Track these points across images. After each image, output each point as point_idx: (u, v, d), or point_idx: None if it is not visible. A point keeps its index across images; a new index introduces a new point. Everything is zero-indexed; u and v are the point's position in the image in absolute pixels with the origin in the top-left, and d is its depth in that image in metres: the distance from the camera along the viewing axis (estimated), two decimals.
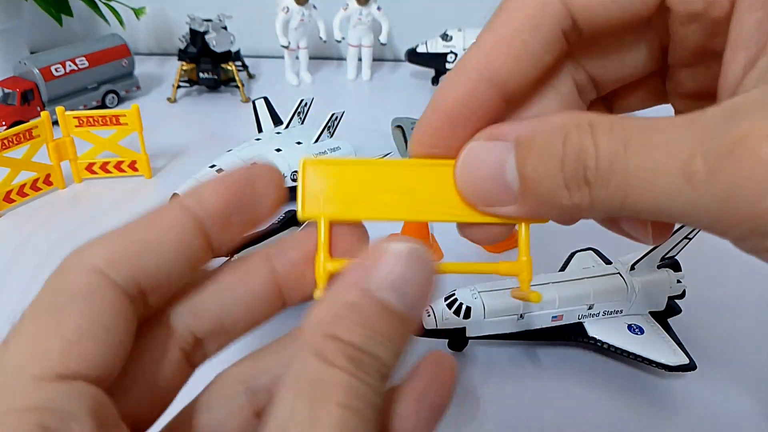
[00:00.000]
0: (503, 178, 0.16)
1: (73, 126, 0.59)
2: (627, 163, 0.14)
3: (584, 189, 0.14)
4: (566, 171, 0.14)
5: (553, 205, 0.15)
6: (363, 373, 0.13)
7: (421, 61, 0.86)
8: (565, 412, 0.37)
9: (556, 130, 0.15)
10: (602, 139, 0.14)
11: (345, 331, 0.14)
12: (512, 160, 0.15)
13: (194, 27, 0.78)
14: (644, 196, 0.13)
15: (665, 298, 0.41)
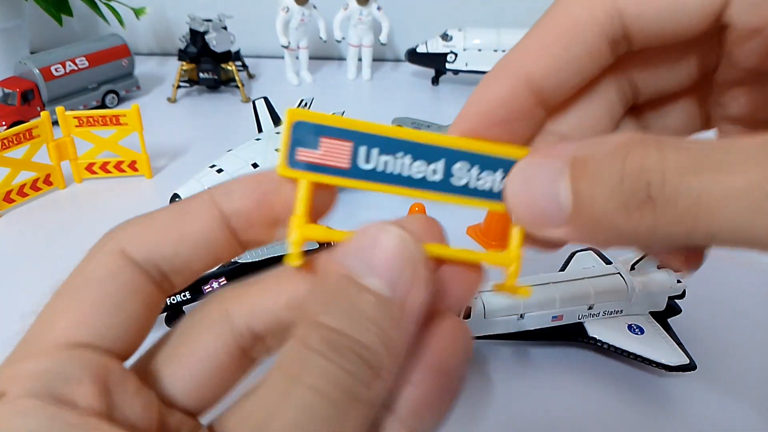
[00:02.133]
0: (556, 199, 0.15)
1: (73, 126, 0.59)
2: (699, 183, 0.12)
3: (646, 209, 0.13)
4: (626, 191, 0.13)
5: (610, 230, 0.14)
6: (338, 357, 0.13)
7: (421, 61, 0.86)
8: (565, 412, 0.37)
9: (616, 146, 0.14)
10: (669, 158, 0.13)
11: (326, 316, 0.14)
12: (566, 179, 0.14)
13: (194, 27, 0.78)
14: (720, 218, 0.12)
15: (665, 298, 0.41)
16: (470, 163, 0.16)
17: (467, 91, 0.87)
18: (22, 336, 0.15)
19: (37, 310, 0.15)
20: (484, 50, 0.83)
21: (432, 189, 0.16)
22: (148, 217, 0.16)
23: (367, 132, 0.15)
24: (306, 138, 0.15)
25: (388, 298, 0.14)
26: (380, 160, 0.15)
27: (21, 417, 0.12)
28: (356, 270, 0.14)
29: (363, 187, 0.16)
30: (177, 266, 0.16)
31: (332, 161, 0.15)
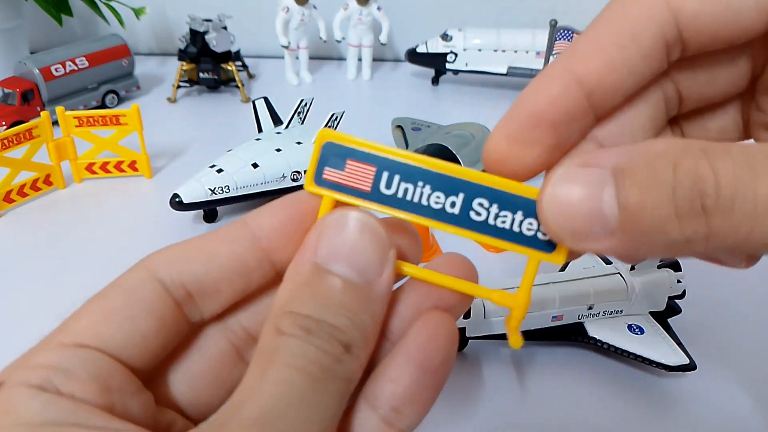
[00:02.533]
0: (600, 211, 0.14)
1: (73, 126, 0.59)
2: (756, 187, 0.12)
3: (700, 220, 0.13)
4: (678, 200, 0.13)
5: (660, 240, 0.13)
6: (313, 338, 0.14)
7: (421, 61, 0.86)
8: (565, 412, 0.37)
9: (662, 156, 0.13)
10: (721, 164, 0.13)
11: (299, 305, 0.14)
12: (611, 189, 0.14)
13: (194, 27, 0.78)
14: None
15: (665, 298, 0.41)
16: (490, 200, 0.16)
17: (467, 91, 0.87)
18: (19, 334, 0.15)
19: (37, 310, 0.16)
20: (484, 50, 0.83)
21: (449, 222, 0.16)
22: (184, 241, 0.16)
23: (390, 158, 0.16)
24: (334, 158, 0.16)
25: (356, 282, 0.15)
26: (401, 187, 0.16)
27: (14, 402, 0.13)
28: (323, 258, 0.15)
29: (381, 211, 0.16)
30: (205, 288, 0.16)
31: (355, 183, 0.16)
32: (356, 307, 0.14)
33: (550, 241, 0.16)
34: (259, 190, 0.54)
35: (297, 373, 0.13)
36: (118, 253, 0.50)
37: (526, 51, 0.82)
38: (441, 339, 0.15)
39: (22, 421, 0.12)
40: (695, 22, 0.15)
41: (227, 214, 0.56)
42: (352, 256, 0.15)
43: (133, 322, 0.15)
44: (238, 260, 0.16)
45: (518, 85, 0.87)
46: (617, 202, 0.14)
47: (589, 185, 0.14)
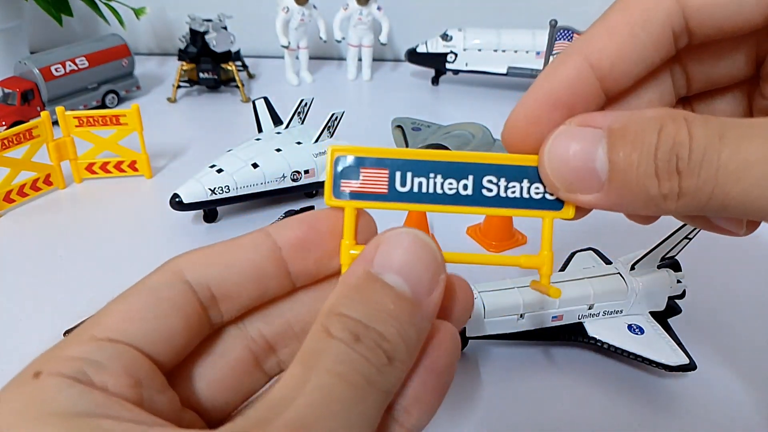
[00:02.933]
0: (592, 165, 0.16)
1: (73, 126, 0.59)
2: (720, 153, 0.14)
3: (674, 179, 0.14)
4: (659, 160, 0.14)
5: (640, 195, 0.15)
6: (359, 345, 0.14)
7: (421, 61, 0.86)
8: (565, 412, 0.37)
9: (650, 120, 0.15)
10: (697, 131, 0.14)
11: (348, 308, 0.14)
12: (603, 147, 0.15)
13: (194, 27, 0.78)
14: (734, 187, 0.14)
15: (665, 298, 0.41)
16: (497, 175, 0.17)
17: (467, 91, 0.87)
18: (19, 333, 0.16)
19: (37, 309, 0.16)
20: (484, 50, 0.83)
21: (466, 203, 0.17)
22: (208, 246, 0.17)
23: (400, 158, 0.17)
24: (347, 170, 0.17)
25: (408, 296, 0.15)
26: (415, 182, 0.17)
27: (50, 392, 0.13)
28: (378, 268, 0.15)
29: (402, 209, 0.17)
30: (227, 291, 0.17)
31: (372, 188, 0.17)
32: (405, 319, 0.15)
33: (558, 200, 0.17)
34: (259, 190, 0.54)
35: (340, 381, 0.13)
36: (118, 253, 0.50)
37: (526, 51, 0.82)
38: (448, 344, 0.16)
39: (57, 411, 0.13)
40: (700, 13, 0.16)
41: (227, 214, 0.56)
42: (406, 269, 0.15)
43: (160, 321, 0.15)
44: (258, 267, 0.17)
45: (518, 85, 0.87)
46: (608, 158, 0.15)
47: (585, 142, 0.16)
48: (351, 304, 0.15)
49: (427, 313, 0.15)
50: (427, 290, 0.15)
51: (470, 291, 0.17)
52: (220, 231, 0.54)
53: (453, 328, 0.16)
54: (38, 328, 0.42)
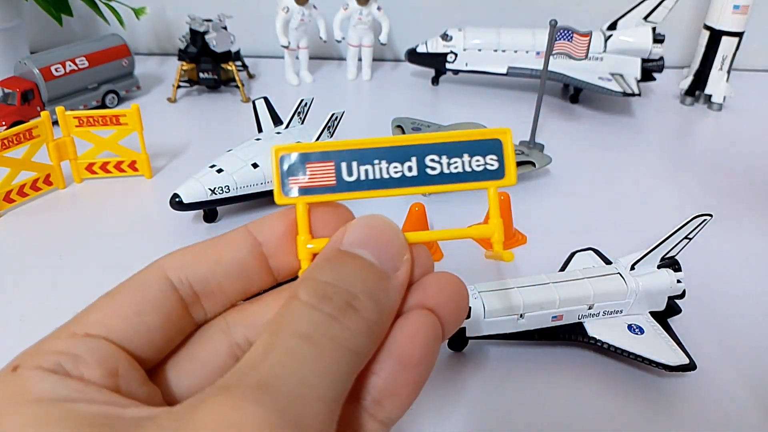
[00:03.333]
0: None
1: (73, 126, 0.59)
2: None
3: None
4: None
5: None
6: (326, 304, 0.14)
7: (421, 61, 0.86)
8: (565, 412, 0.37)
9: None
10: None
11: (318, 272, 0.15)
12: None
13: (194, 27, 0.78)
14: None
15: (665, 298, 0.41)
16: (438, 153, 0.18)
17: (467, 91, 0.87)
18: (18, 332, 0.16)
19: (36, 309, 0.17)
20: (484, 50, 0.83)
21: (413, 184, 0.18)
22: (192, 245, 0.18)
23: (343, 149, 0.17)
24: (293, 167, 0.17)
25: (377, 265, 0.16)
26: (361, 171, 0.17)
27: (27, 382, 0.13)
28: (347, 246, 0.16)
29: (353, 197, 0.17)
30: (210, 288, 0.17)
31: (320, 182, 0.17)
32: (374, 282, 0.15)
33: (498, 170, 0.18)
34: (259, 190, 0.54)
35: (304, 341, 0.14)
36: (117, 253, 0.50)
37: (526, 51, 0.82)
38: (421, 336, 0.16)
39: (33, 399, 0.13)
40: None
41: (227, 215, 0.56)
42: (373, 244, 0.16)
43: (140, 317, 0.16)
44: (240, 264, 0.17)
45: (518, 85, 0.87)
46: None
47: None
48: (320, 270, 0.15)
49: (395, 285, 0.16)
50: (394, 265, 0.16)
51: (461, 286, 0.17)
52: (219, 231, 0.54)
53: (433, 319, 0.16)
54: (37, 327, 0.41)
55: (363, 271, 0.15)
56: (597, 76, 0.79)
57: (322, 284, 0.15)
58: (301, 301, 0.14)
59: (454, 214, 0.55)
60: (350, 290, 0.15)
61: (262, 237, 0.18)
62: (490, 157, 0.18)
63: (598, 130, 0.77)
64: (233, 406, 0.12)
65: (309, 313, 0.14)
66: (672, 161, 0.71)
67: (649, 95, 0.87)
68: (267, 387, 0.13)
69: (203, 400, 0.13)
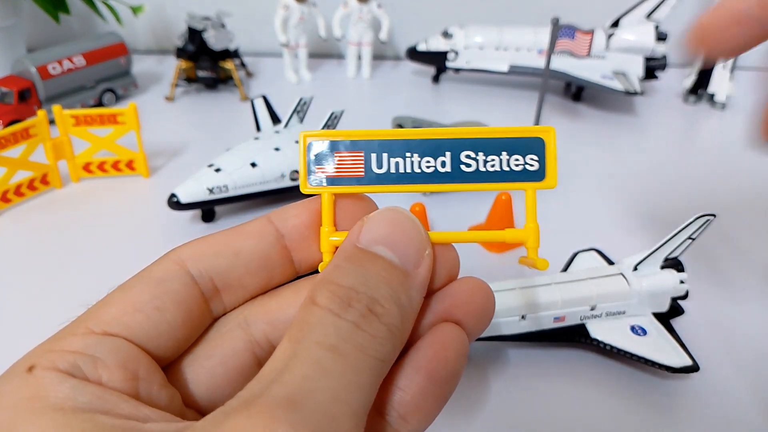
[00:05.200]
0: None
1: (71, 125, 0.58)
2: None
3: None
4: None
5: None
6: (349, 312, 0.13)
7: (421, 59, 0.85)
8: (567, 414, 0.37)
9: None
10: None
11: (337, 276, 0.14)
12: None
13: (193, 25, 0.78)
14: None
15: (668, 299, 0.41)
16: (475, 150, 0.17)
17: (468, 89, 0.87)
18: (16, 333, 0.16)
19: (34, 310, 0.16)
20: (485, 48, 0.83)
21: (445, 180, 0.17)
22: (210, 235, 0.17)
23: (374, 139, 0.17)
24: (321, 155, 0.17)
25: (398, 264, 0.15)
26: (391, 163, 0.17)
27: (45, 386, 0.13)
28: (365, 242, 0.15)
29: (380, 191, 0.17)
30: (230, 281, 0.16)
31: (348, 172, 0.17)
32: (397, 284, 0.14)
33: (538, 171, 0.17)
34: (257, 190, 0.53)
35: (329, 353, 0.13)
36: (115, 253, 0.50)
37: (527, 49, 0.82)
38: (451, 351, 0.15)
39: (54, 407, 0.12)
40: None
41: (225, 214, 0.56)
42: (393, 241, 0.15)
43: (160, 314, 0.15)
44: (263, 256, 0.17)
45: (520, 84, 0.86)
46: None
47: None
48: (340, 272, 0.14)
49: (417, 284, 0.15)
50: (414, 262, 0.15)
51: (490, 295, 0.17)
52: (218, 231, 0.54)
53: (463, 335, 0.16)
54: (35, 327, 0.41)
55: (384, 273, 0.15)
56: (599, 75, 0.78)
57: (344, 289, 0.14)
58: (322, 308, 0.14)
59: (454, 214, 0.55)
60: (372, 295, 0.14)
61: (285, 228, 0.17)
62: (530, 156, 0.17)
63: (601, 128, 0.76)
64: (264, 426, 0.11)
65: (332, 322, 0.13)
66: (675, 160, 0.70)
67: (651, 94, 0.86)
68: (297, 404, 0.12)
69: (228, 415, 0.12)
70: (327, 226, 0.17)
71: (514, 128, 0.17)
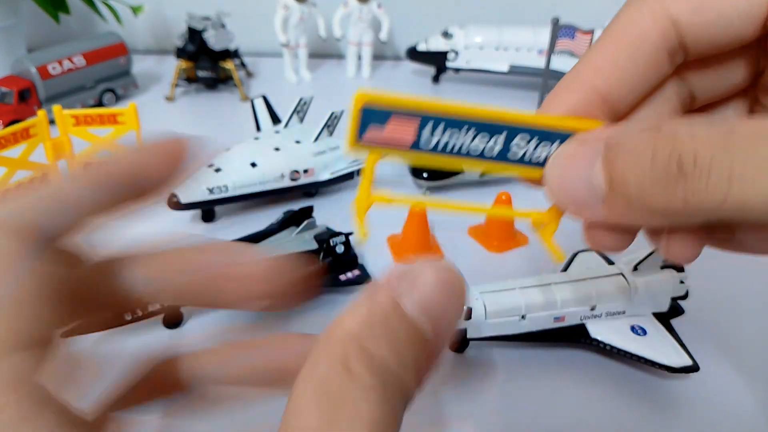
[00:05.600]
0: (590, 182, 0.15)
1: (71, 125, 0.58)
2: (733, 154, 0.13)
3: (678, 184, 0.14)
4: (657, 165, 0.14)
5: (644, 206, 0.15)
6: (389, 393, 0.13)
7: (421, 59, 0.85)
8: (567, 414, 0.37)
9: (646, 128, 0.15)
10: (700, 132, 0.14)
11: (373, 344, 0.13)
12: (600, 162, 0.15)
13: (193, 25, 0.78)
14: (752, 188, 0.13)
15: (668, 299, 0.41)
16: (530, 136, 0.17)
17: (468, 89, 0.87)
18: None
19: None
20: (485, 48, 0.83)
21: (491, 160, 0.17)
22: None
23: (432, 112, 0.16)
24: (374, 118, 0.16)
25: (430, 338, 0.14)
26: (444, 135, 0.17)
27: None
28: (405, 299, 0.14)
29: (427, 161, 0.17)
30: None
31: (399, 138, 0.17)
32: (423, 365, 0.14)
33: None
34: (257, 190, 0.53)
35: None
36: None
37: (528, 49, 0.82)
38: None
39: None
40: (693, 31, 0.16)
41: (225, 214, 0.56)
42: (436, 312, 0.14)
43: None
44: None
45: (520, 84, 0.86)
46: (604, 175, 0.15)
47: (583, 161, 0.16)
48: (376, 338, 0.13)
49: (436, 358, 0.14)
50: (445, 335, 0.14)
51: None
52: (218, 231, 0.54)
53: None
54: None
55: (417, 352, 0.13)
56: None
57: (378, 365, 0.13)
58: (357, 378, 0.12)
59: (453, 215, 0.54)
60: (404, 379, 0.13)
61: None
62: None
63: None
64: None
65: (375, 400, 0.12)
66: None
67: None
68: None
69: None
70: (367, 185, 0.17)
71: (572, 119, 0.17)
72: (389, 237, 0.51)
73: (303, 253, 0.44)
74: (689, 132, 0.14)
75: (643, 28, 0.17)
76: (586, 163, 0.16)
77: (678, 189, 0.14)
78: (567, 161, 0.16)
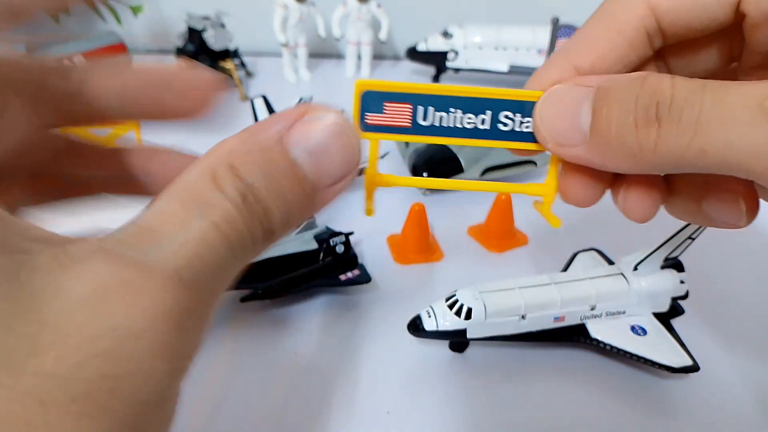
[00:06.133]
0: (577, 119, 0.17)
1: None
2: (703, 99, 0.14)
3: (653, 127, 0.15)
4: (638, 108, 0.15)
5: (619, 146, 0.16)
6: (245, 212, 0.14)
7: (421, 59, 0.85)
8: (567, 414, 0.37)
9: (636, 76, 0.16)
10: (680, 82, 0.15)
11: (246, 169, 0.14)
12: (588, 104, 0.17)
13: (192, 24, 0.78)
14: (715, 133, 0.14)
15: (668, 298, 0.41)
16: (514, 111, 0.18)
17: None
18: None
19: None
20: (485, 48, 0.83)
21: (482, 137, 0.19)
22: None
23: (423, 93, 0.18)
24: (372, 104, 0.18)
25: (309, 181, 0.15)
26: (436, 117, 0.18)
27: None
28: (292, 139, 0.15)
29: (423, 141, 0.19)
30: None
31: (396, 122, 0.18)
32: (296, 203, 0.15)
33: None
34: None
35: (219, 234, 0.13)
36: None
37: (527, 48, 0.82)
38: None
39: None
40: (669, 16, 0.18)
41: None
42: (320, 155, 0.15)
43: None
44: None
45: (520, 83, 0.86)
46: (591, 114, 0.16)
47: (573, 99, 0.17)
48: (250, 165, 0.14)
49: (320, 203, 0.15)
50: (330, 181, 0.15)
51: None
52: None
53: None
54: None
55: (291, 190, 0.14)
56: None
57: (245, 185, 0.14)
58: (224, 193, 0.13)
59: (453, 214, 0.54)
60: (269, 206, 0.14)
61: None
62: None
63: None
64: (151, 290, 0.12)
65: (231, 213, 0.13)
66: None
67: None
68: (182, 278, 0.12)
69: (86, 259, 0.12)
70: (372, 167, 0.19)
71: None
72: (389, 237, 0.51)
73: (303, 252, 0.44)
74: (671, 81, 0.15)
75: (624, 11, 0.18)
76: (576, 103, 0.17)
77: (651, 132, 0.15)
78: (558, 99, 0.17)
